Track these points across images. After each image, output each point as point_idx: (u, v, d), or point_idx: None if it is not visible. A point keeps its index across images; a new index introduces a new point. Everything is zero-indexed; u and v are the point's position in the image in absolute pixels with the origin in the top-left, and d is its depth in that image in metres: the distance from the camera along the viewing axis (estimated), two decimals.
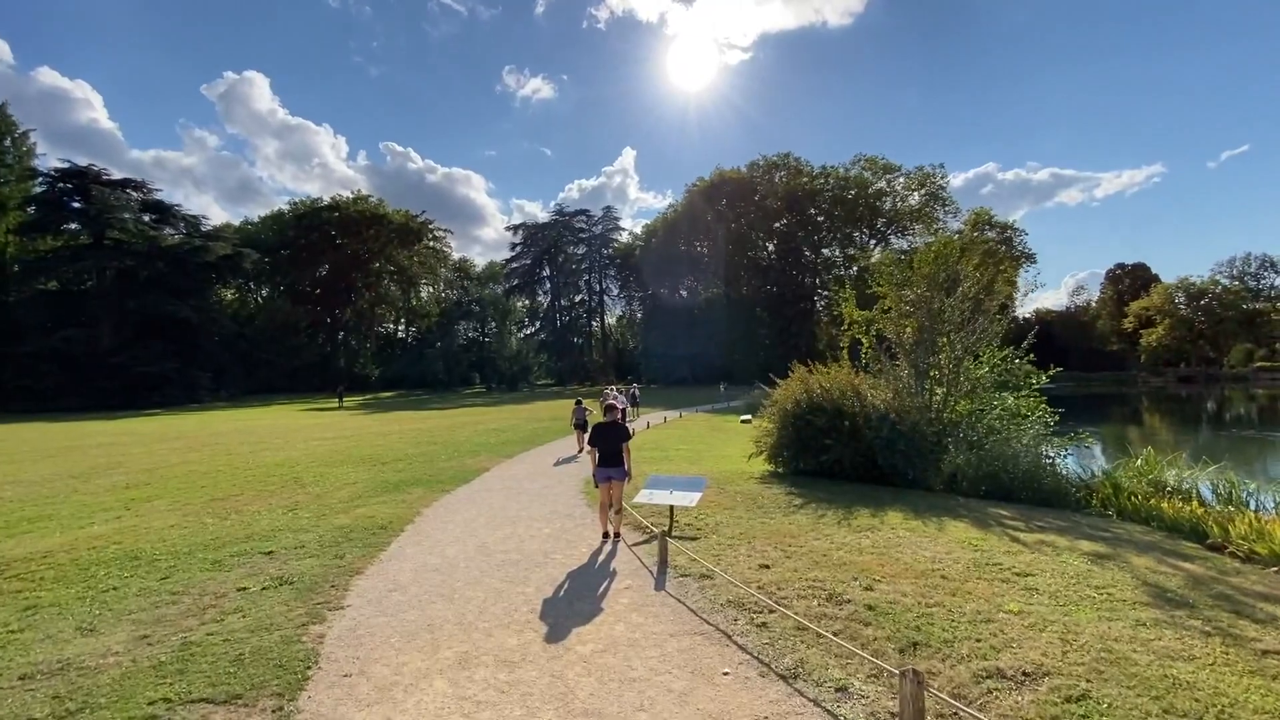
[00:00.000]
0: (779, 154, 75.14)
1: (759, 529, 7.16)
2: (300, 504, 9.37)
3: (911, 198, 72.42)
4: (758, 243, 76.42)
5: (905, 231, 73.90)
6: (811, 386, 10.41)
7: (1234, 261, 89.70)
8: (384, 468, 13.37)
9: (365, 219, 76.35)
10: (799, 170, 73.62)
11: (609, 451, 7.01)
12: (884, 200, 72.52)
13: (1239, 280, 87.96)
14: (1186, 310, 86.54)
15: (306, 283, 76.57)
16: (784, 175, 73.81)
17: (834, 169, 73.25)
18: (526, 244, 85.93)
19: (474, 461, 13.99)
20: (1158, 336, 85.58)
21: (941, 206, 71.61)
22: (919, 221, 71.98)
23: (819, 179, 72.87)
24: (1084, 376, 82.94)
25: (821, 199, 72.20)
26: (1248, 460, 18.03)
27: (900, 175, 72.16)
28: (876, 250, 75.76)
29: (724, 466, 11.85)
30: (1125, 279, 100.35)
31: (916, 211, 71.79)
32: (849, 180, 71.76)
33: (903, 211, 72.22)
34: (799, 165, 74.08)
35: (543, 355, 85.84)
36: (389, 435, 21.25)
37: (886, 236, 74.65)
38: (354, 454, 16.01)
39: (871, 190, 71.65)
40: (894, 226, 73.19)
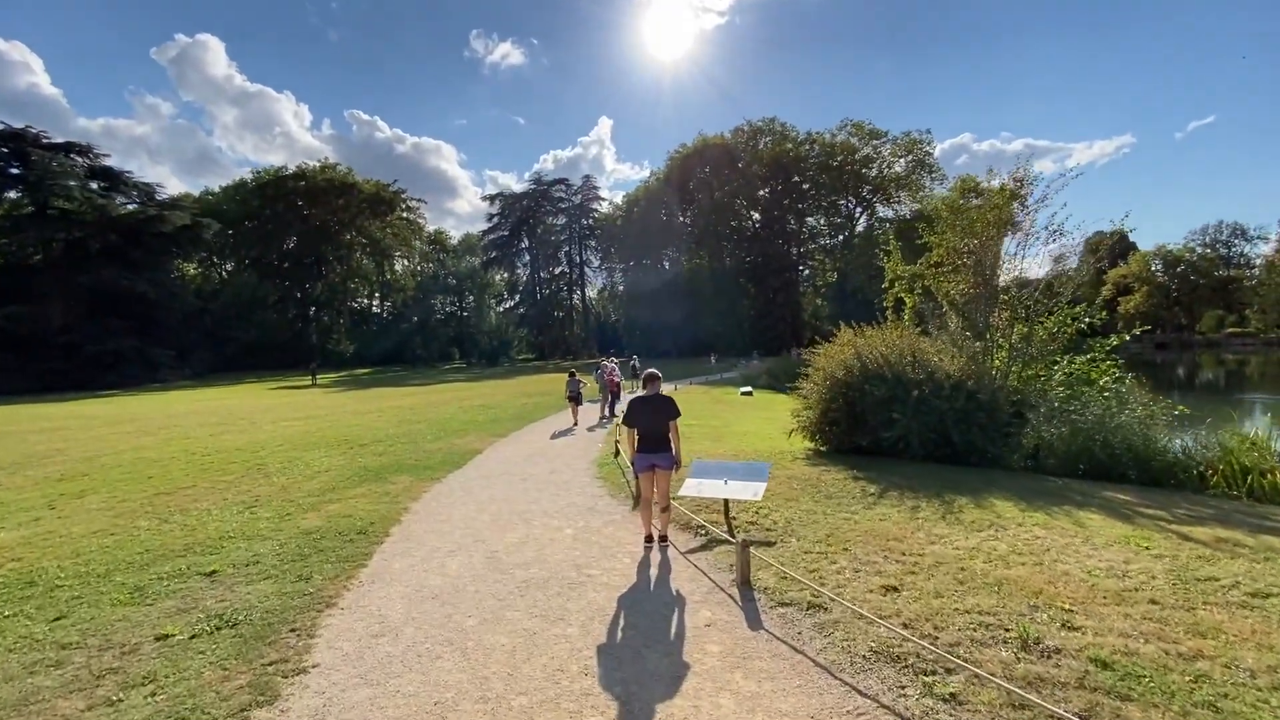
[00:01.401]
0: (764, 119, 72.98)
1: (847, 528, 5.74)
2: (261, 499, 7.74)
3: (898, 164, 70.95)
4: (741, 211, 74.57)
5: (891, 199, 72.61)
6: (864, 351, 9.00)
7: (1207, 229, 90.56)
8: (362, 451, 11.72)
9: (334, 188, 72.80)
10: (784, 136, 71.60)
11: (653, 432, 5.42)
12: (870, 167, 70.98)
13: (1211, 248, 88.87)
14: (1163, 278, 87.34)
15: (274, 256, 73.09)
16: (769, 141, 71.77)
17: (819, 135, 71.42)
18: (504, 214, 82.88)
19: (464, 442, 12.39)
20: (1135, 303, 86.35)
21: (928, 174, 70.29)
22: (904, 189, 70.70)
23: (804, 145, 71.00)
24: None
25: (806, 166, 70.45)
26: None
27: (887, 141, 70.53)
28: (862, 219, 74.71)
29: (755, 445, 10.37)
30: (1103, 247, 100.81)
31: (902, 179, 70.39)
32: (835, 146, 70.01)
33: (889, 178, 70.75)
34: (784, 131, 72.04)
35: (523, 329, 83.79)
36: (367, 414, 19.50)
37: (872, 204, 73.39)
38: (328, 436, 14.29)
39: (858, 156, 70.02)
40: (880, 194, 71.83)
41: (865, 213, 74.59)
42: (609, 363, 17.06)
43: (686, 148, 74.28)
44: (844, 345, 9.44)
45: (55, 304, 45.90)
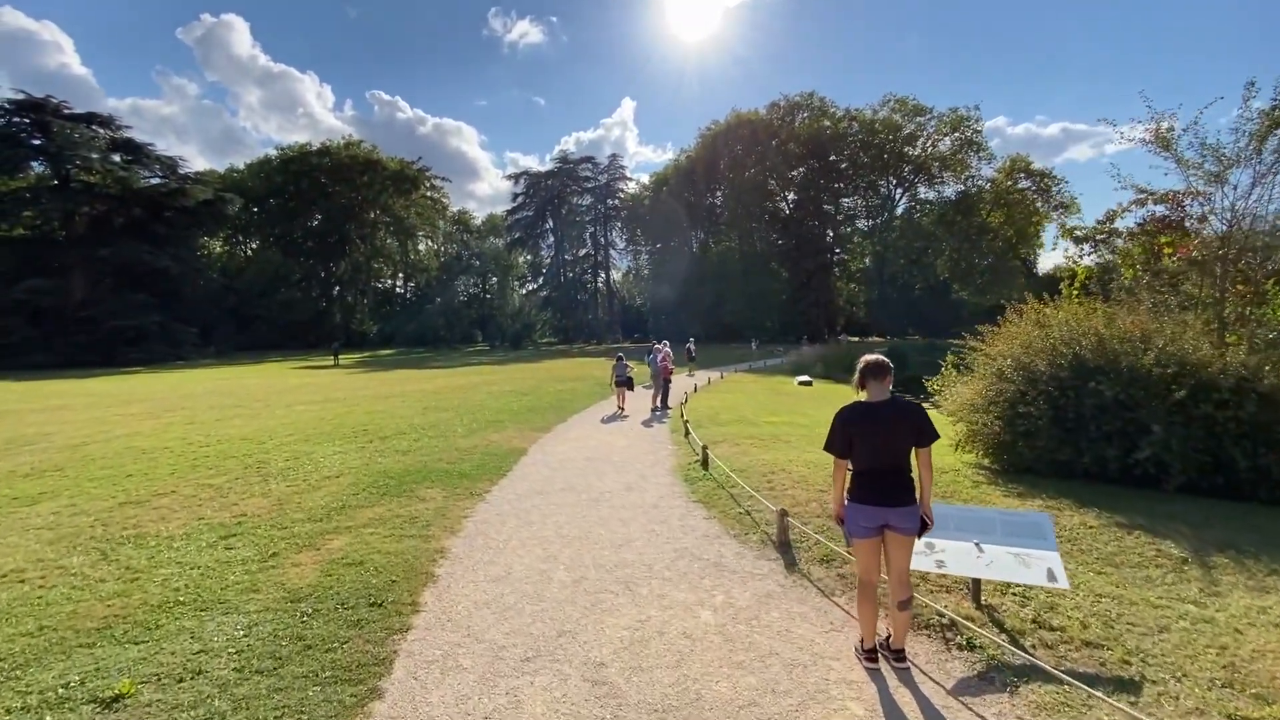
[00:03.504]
0: (801, 94, 69.54)
1: (1203, 637, 3.49)
2: (247, 521, 5.88)
3: (943, 143, 67.24)
4: (775, 192, 71.52)
5: (934, 180, 69.02)
6: (1077, 336, 6.58)
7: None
8: (383, 446, 9.87)
9: (358, 165, 71.36)
10: (823, 112, 68.24)
11: (887, 466, 3.19)
12: (914, 145, 67.39)
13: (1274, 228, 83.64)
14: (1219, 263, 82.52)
15: (298, 233, 72.05)
16: (806, 117, 68.47)
17: (860, 112, 67.95)
18: (529, 194, 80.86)
19: (502, 438, 10.47)
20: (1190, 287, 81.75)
21: (976, 153, 66.52)
22: (949, 169, 67.10)
23: (843, 122, 67.59)
24: None
25: (845, 144, 67.08)
26: None
27: (932, 118, 66.85)
28: (903, 201, 71.31)
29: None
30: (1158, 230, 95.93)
31: (947, 158, 66.72)
32: (876, 123, 66.53)
33: (933, 157, 67.09)
34: (823, 106, 68.62)
35: (546, 312, 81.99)
36: (389, 399, 17.75)
37: (914, 185, 69.91)
38: (345, 424, 12.50)
39: (902, 135, 66.48)
40: (922, 174, 68.28)
41: (906, 194, 71.17)
42: (661, 346, 15.04)
43: (719, 124, 71.32)
44: (1031, 326, 7.15)
45: (77, 278, 45.09)
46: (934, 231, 67.24)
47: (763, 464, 7.23)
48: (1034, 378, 6.47)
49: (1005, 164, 68.63)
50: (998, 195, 66.82)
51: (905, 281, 71.40)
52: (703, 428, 10.49)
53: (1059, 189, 68.91)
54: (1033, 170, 69.01)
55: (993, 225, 66.14)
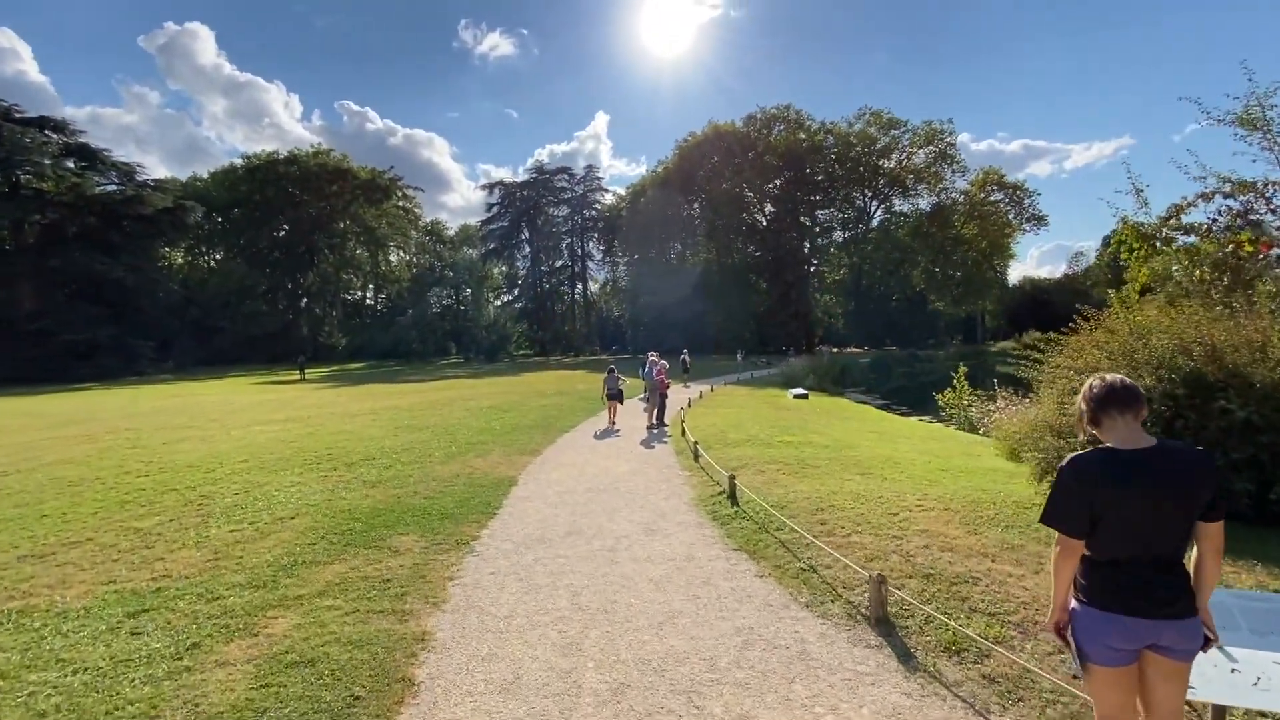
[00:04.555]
0: (778, 106, 69.68)
1: None
2: (169, 584, 4.61)
3: (917, 155, 67.81)
4: (753, 204, 71.36)
5: (909, 192, 69.55)
6: (1188, 345, 5.44)
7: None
8: (349, 475, 8.57)
9: (327, 174, 69.31)
10: (799, 124, 68.36)
11: (1157, 553, 2.00)
12: (888, 158, 67.88)
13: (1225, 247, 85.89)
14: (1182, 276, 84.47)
15: (264, 244, 69.63)
16: (782, 130, 68.53)
17: (835, 125, 68.31)
18: (504, 204, 79.55)
19: (487, 464, 9.25)
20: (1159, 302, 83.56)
21: (949, 165, 67.19)
22: (923, 181, 67.69)
23: (819, 135, 67.78)
24: None
25: (820, 157, 67.24)
26: None
27: (906, 131, 67.41)
28: (878, 213, 71.67)
29: (954, 488, 6.77)
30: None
31: (922, 171, 67.28)
32: (852, 136, 66.87)
33: (908, 170, 67.59)
34: (799, 119, 68.76)
35: (522, 324, 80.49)
36: (358, 417, 16.34)
37: (889, 197, 70.38)
38: (307, 448, 11.13)
39: (877, 147, 66.93)
40: (896, 187, 68.73)
41: (881, 206, 71.63)
42: (656, 358, 13.96)
43: (696, 136, 70.99)
44: (1128, 335, 5.90)
45: (26, 289, 42.46)
46: (909, 243, 67.69)
47: (803, 498, 6.16)
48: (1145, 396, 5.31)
49: (978, 177, 69.51)
50: (971, 207, 67.61)
51: (882, 293, 71.67)
52: (713, 449, 9.40)
53: (1030, 201, 70.16)
54: (1005, 183, 70.02)
55: (967, 237, 66.80)
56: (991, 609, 3.63)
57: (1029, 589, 3.87)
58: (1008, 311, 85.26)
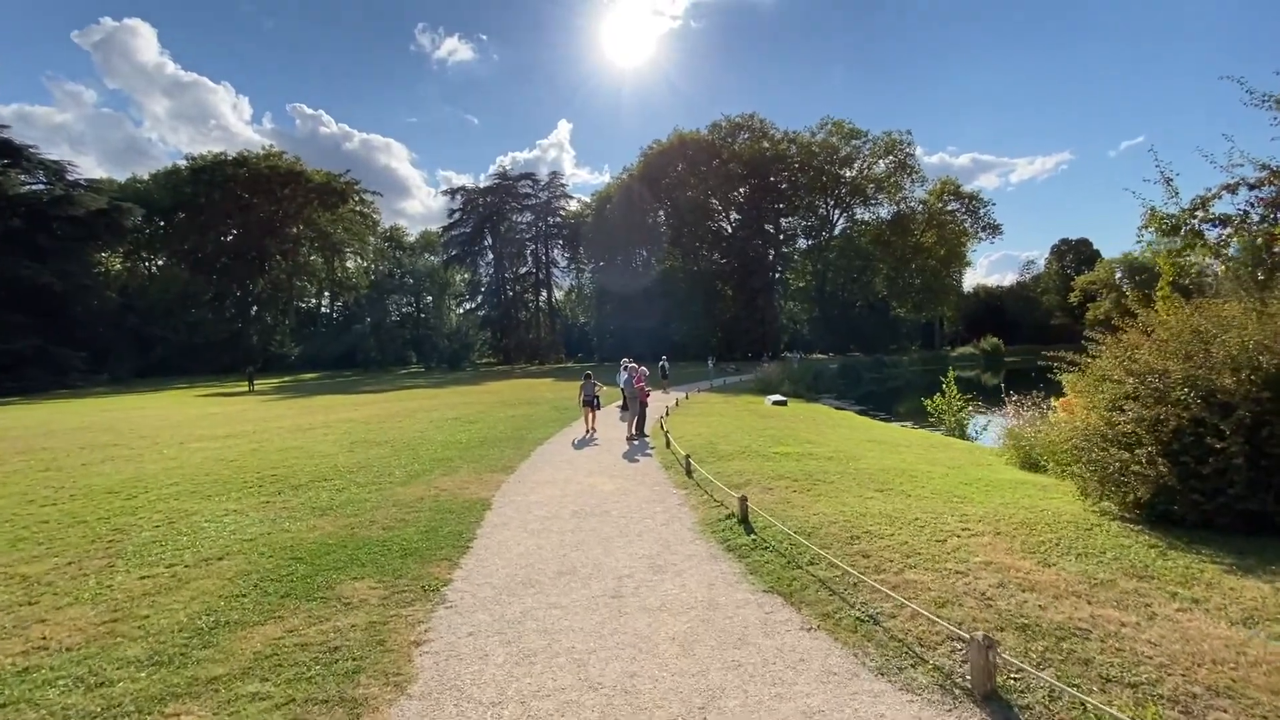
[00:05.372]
0: (743, 114, 69.87)
1: None
2: (44, 660, 3.54)
3: (878, 165, 68.92)
4: (718, 211, 71.37)
5: (870, 201, 70.60)
6: (1264, 344, 4.84)
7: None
8: (294, 501, 7.45)
9: (279, 176, 66.53)
10: (763, 133, 68.74)
11: None
12: (850, 168, 68.80)
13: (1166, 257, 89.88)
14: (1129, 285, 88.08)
15: (210, 249, 66.31)
16: (747, 138, 68.78)
17: (799, 135, 68.89)
18: (466, 210, 77.79)
19: (454, 482, 8.22)
20: (1104, 310, 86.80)
21: (909, 175, 68.45)
22: (883, 191, 68.87)
23: (782, 144, 68.26)
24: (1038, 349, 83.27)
25: (784, 165, 67.70)
26: None
27: (867, 141, 68.42)
28: (841, 221, 72.49)
29: (992, 504, 6.09)
30: (1069, 254, 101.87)
31: (882, 180, 68.40)
32: (815, 146, 67.52)
33: (868, 179, 68.62)
34: (763, 127, 69.16)
35: (485, 331, 78.66)
36: (309, 431, 15.01)
37: (851, 206, 71.31)
38: (249, 468, 9.89)
39: (839, 157, 67.73)
40: (858, 195, 69.65)
41: (843, 215, 72.54)
42: (633, 365, 13.10)
43: (661, 143, 70.61)
44: (1190, 335, 5.30)
45: None
46: (871, 251, 68.75)
47: (829, 522, 5.37)
48: (1223, 402, 4.75)
49: (936, 186, 71.09)
50: (930, 216, 69.05)
51: (845, 299, 72.46)
52: (706, 463, 8.58)
53: (985, 211, 72.03)
54: (961, 193, 71.77)
55: (926, 245, 68.21)
56: (1126, 676, 2.89)
57: (1155, 643, 3.15)
58: (965, 318, 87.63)
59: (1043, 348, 62.12)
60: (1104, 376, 5.66)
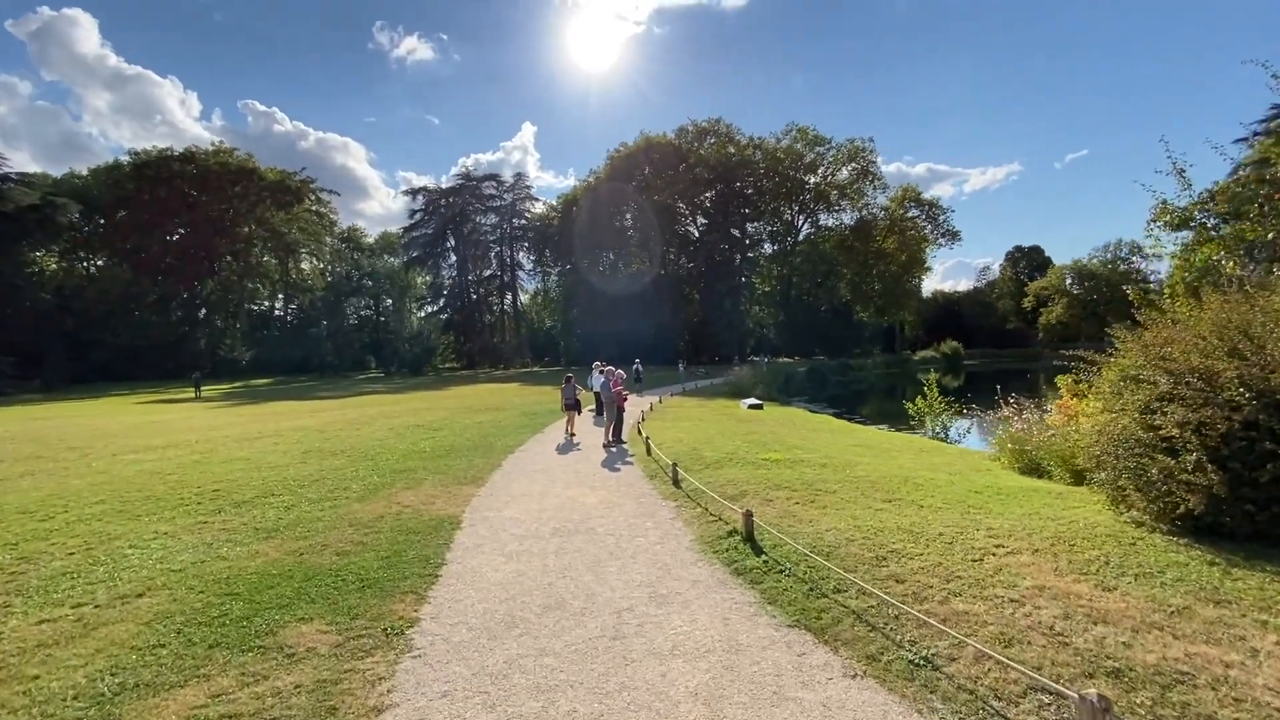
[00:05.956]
0: (709, 119, 70.17)
1: None
2: None
3: (841, 172, 69.88)
4: (685, 215, 71.35)
5: (833, 207, 71.51)
6: None
7: (1108, 246, 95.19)
8: (236, 521, 6.61)
9: (230, 174, 63.78)
10: (730, 138, 69.03)
11: None
12: (814, 174, 69.57)
13: (1112, 265, 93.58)
14: (1079, 291, 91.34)
15: (154, 248, 63.03)
16: (713, 143, 68.99)
17: (764, 140, 69.42)
18: (428, 211, 75.99)
19: (418, 497, 7.47)
20: (1056, 315, 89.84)
21: (871, 182, 69.57)
22: (847, 197, 69.89)
23: (748, 149, 68.67)
24: (995, 353, 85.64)
25: (750, 170, 68.10)
26: None
27: (831, 148, 69.32)
28: (805, 226, 73.24)
29: (1008, 515, 5.65)
30: (1023, 260, 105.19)
31: (845, 187, 69.39)
32: (780, 151, 68.09)
33: (832, 185, 69.50)
34: (730, 132, 69.46)
35: (448, 335, 76.82)
36: (259, 440, 13.95)
37: (816, 212, 72.16)
38: (188, 482, 8.93)
39: (804, 163, 68.42)
40: (822, 201, 70.47)
41: (808, 220, 73.37)
42: (609, 368, 12.47)
43: (628, 146, 70.27)
44: (1235, 332, 4.87)
45: None
46: (835, 256, 69.73)
47: (844, 539, 4.85)
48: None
49: (897, 194, 72.56)
50: (892, 223, 70.40)
51: (810, 304, 73.20)
52: (693, 471, 8.02)
53: (945, 218, 73.77)
54: (922, 200, 73.38)
55: (888, 250, 69.55)
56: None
57: (1271, 686, 2.69)
58: (925, 322, 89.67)
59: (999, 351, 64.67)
60: (1132, 376, 5.32)
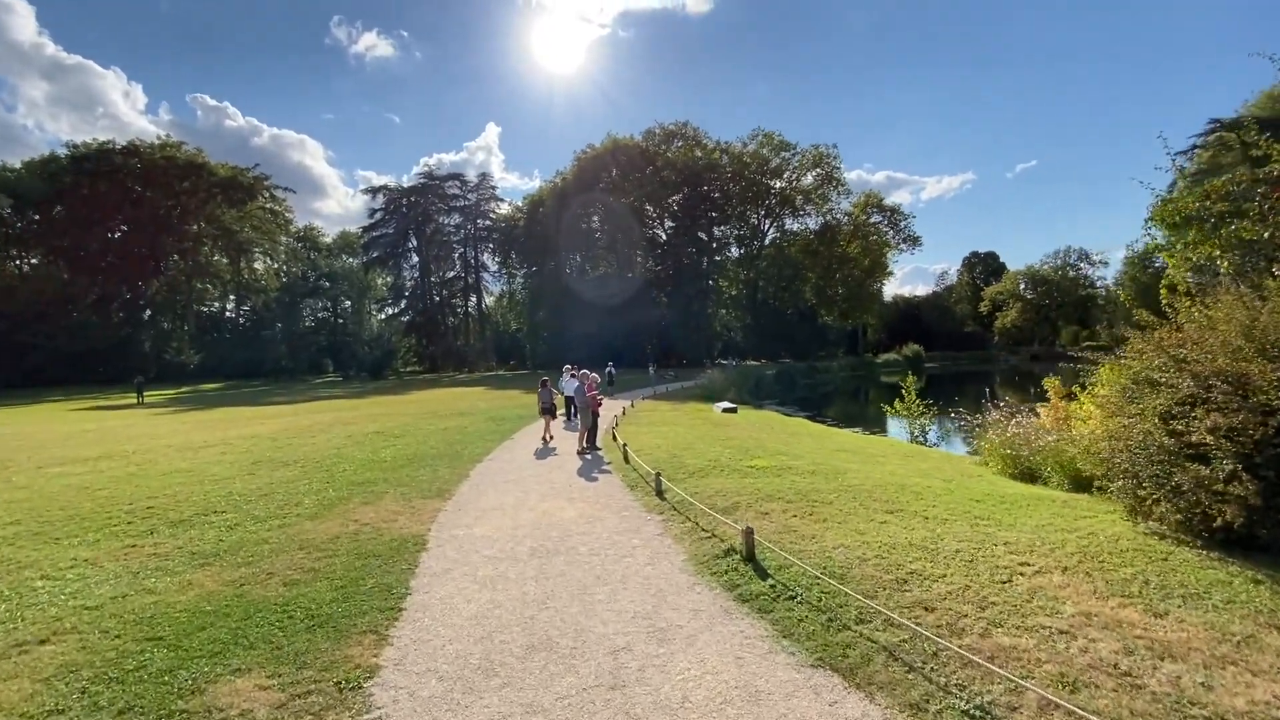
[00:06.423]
0: (676, 122, 70.29)
1: None
2: None
3: (806, 177, 70.73)
4: (653, 218, 71.19)
5: (798, 212, 72.34)
6: None
7: (1058, 253, 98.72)
8: (169, 545, 5.86)
9: (177, 169, 61.00)
10: (697, 142, 69.24)
11: None
12: (779, 178, 70.27)
13: (1062, 270, 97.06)
14: (1033, 295, 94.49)
15: (94, 246, 59.89)
16: (680, 146, 69.09)
17: (731, 145, 69.84)
18: (389, 210, 74.06)
19: (377, 513, 6.82)
20: (1011, 318, 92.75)
21: (835, 188, 70.60)
22: (811, 202, 70.82)
23: (714, 153, 68.98)
24: (954, 355, 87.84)
25: (716, 174, 68.39)
26: None
27: (796, 154, 70.11)
28: (771, 230, 73.87)
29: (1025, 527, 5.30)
30: (979, 266, 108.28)
31: (809, 191, 70.29)
32: (746, 156, 68.59)
33: (797, 190, 70.30)
34: (697, 136, 69.65)
35: (410, 338, 74.86)
36: (204, 450, 12.96)
37: (781, 216, 72.85)
38: (119, 499, 8.07)
39: (769, 168, 69.04)
40: (787, 206, 71.19)
41: (774, 224, 74.04)
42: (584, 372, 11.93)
43: (595, 148, 69.80)
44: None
45: None
46: (800, 260, 70.48)
47: (855, 558, 4.44)
48: None
49: (860, 199, 73.82)
50: (855, 228, 71.60)
51: (777, 307, 73.79)
52: (677, 481, 7.56)
53: (906, 224, 75.33)
54: (884, 206, 74.76)
55: (852, 255, 70.74)
56: None
57: None
58: (886, 325, 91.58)
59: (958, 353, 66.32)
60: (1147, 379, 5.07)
